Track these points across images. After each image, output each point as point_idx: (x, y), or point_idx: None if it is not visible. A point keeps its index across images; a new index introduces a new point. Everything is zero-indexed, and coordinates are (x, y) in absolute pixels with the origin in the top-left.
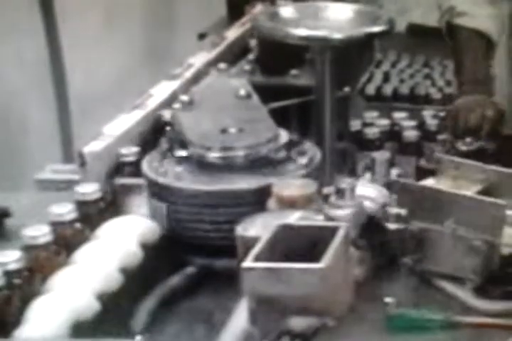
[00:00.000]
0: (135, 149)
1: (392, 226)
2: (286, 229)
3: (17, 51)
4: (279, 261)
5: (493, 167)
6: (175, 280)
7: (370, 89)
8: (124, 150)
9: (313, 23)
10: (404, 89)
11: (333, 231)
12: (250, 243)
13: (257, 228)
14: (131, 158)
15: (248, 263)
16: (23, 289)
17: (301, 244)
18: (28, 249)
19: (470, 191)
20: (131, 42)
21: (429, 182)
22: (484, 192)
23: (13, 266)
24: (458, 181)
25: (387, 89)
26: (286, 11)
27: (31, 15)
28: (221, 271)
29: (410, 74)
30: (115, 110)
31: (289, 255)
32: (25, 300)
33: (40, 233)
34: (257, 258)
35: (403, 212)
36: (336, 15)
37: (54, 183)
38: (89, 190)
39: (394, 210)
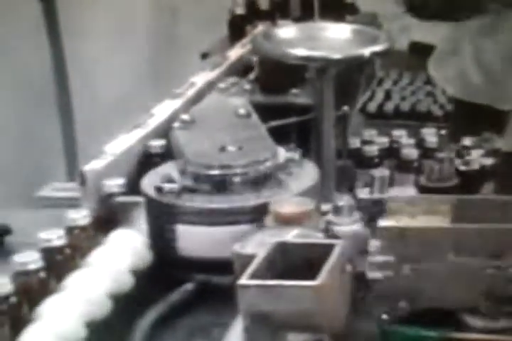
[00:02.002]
0: (120, 181)
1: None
2: (282, 247)
3: (22, 70)
4: (275, 279)
5: (448, 196)
6: (173, 296)
7: (372, 107)
8: (108, 182)
9: (312, 43)
10: (406, 107)
11: (329, 248)
12: (247, 260)
13: (254, 245)
14: (116, 190)
15: (244, 280)
16: (10, 315)
17: (297, 262)
18: (18, 274)
19: (445, 223)
20: (136, 62)
21: (386, 221)
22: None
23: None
24: (419, 217)
25: (389, 107)
26: (285, 32)
27: (37, 35)
28: (219, 287)
29: (412, 91)
30: (119, 129)
31: (285, 272)
32: (14, 326)
33: (29, 259)
34: (253, 276)
35: (391, 258)
36: (335, 35)
37: (55, 200)
38: (80, 214)
39: (380, 258)
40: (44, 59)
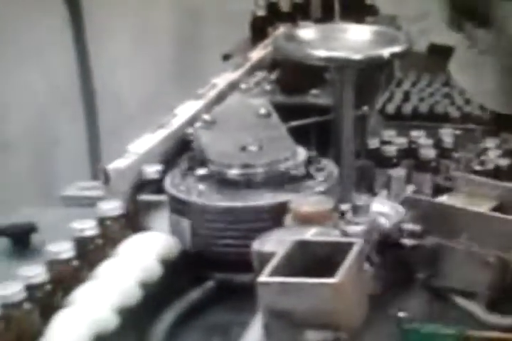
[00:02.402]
0: (158, 167)
1: (407, 242)
2: (301, 245)
3: (48, 70)
4: (294, 276)
5: (506, 184)
6: (194, 294)
7: (391, 108)
8: (147, 168)
9: (333, 44)
10: (424, 108)
11: (348, 246)
12: (266, 258)
13: (273, 244)
14: (154, 176)
15: (263, 277)
16: (44, 303)
17: (316, 260)
18: (52, 263)
19: (483, 208)
20: (159, 63)
21: (443, 198)
22: (497, 208)
23: (35, 280)
24: (471, 198)
25: (407, 108)
26: (306, 33)
27: (62, 36)
28: (239, 285)
29: (430, 93)
30: (143, 129)
31: (304, 270)
32: (47, 314)
33: (62, 249)
34: (273, 273)
35: (417, 228)
36: (355, 36)
37: (79, 200)
38: (111, 206)
39: (409, 226)
40: (69, 60)
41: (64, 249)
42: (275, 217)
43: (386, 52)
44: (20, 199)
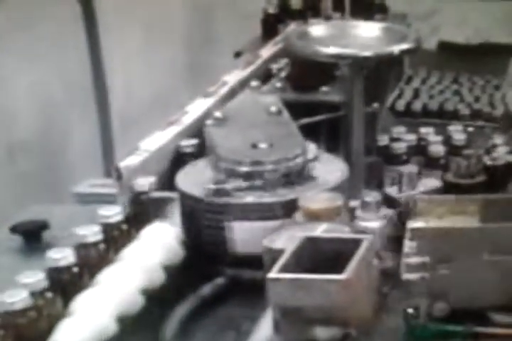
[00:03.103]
0: (151, 179)
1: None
2: (310, 241)
3: (60, 66)
4: (304, 272)
5: (475, 196)
6: (205, 290)
7: (400, 105)
8: (140, 181)
9: (343, 41)
10: (434, 105)
11: (357, 243)
12: (276, 255)
13: (283, 240)
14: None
15: (273, 274)
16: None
17: (326, 256)
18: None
19: (472, 223)
20: (171, 59)
21: (418, 223)
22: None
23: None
24: (448, 217)
25: (417, 105)
26: (317, 30)
27: (75, 30)
28: (249, 281)
29: (440, 90)
30: (154, 125)
31: (314, 266)
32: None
33: (62, 255)
34: (283, 270)
35: (427, 259)
36: (366, 33)
37: (91, 197)
38: (113, 212)
39: (415, 259)
40: (82, 56)
41: (92, 232)
42: (284, 214)
43: (396, 49)
44: (32, 196)
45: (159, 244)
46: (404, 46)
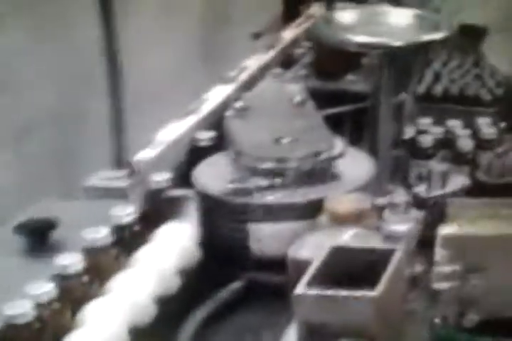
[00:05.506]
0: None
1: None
2: (339, 251)
3: (74, 48)
4: (332, 285)
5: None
6: (223, 294)
7: (421, 89)
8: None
9: (372, 29)
10: (455, 90)
11: (389, 253)
12: (302, 265)
13: (309, 249)
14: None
15: (300, 289)
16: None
17: (355, 266)
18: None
19: (506, 228)
20: (186, 40)
21: (450, 229)
22: None
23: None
24: (480, 222)
25: (438, 89)
26: (345, 16)
27: (90, 11)
28: (270, 285)
29: (461, 74)
30: (169, 110)
31: (343, 278)
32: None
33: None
34: (310, 283)
35: (458, 267)
36: (395, 20)
37: (102, 191)
38: (125, 212)
39: (446, 269)
40: (95, 33)
41: (73, 262)
42: (308, 215)
43: (430, 38)
44: (42, 186)
45: (175, 246)
46: (438, 36)
